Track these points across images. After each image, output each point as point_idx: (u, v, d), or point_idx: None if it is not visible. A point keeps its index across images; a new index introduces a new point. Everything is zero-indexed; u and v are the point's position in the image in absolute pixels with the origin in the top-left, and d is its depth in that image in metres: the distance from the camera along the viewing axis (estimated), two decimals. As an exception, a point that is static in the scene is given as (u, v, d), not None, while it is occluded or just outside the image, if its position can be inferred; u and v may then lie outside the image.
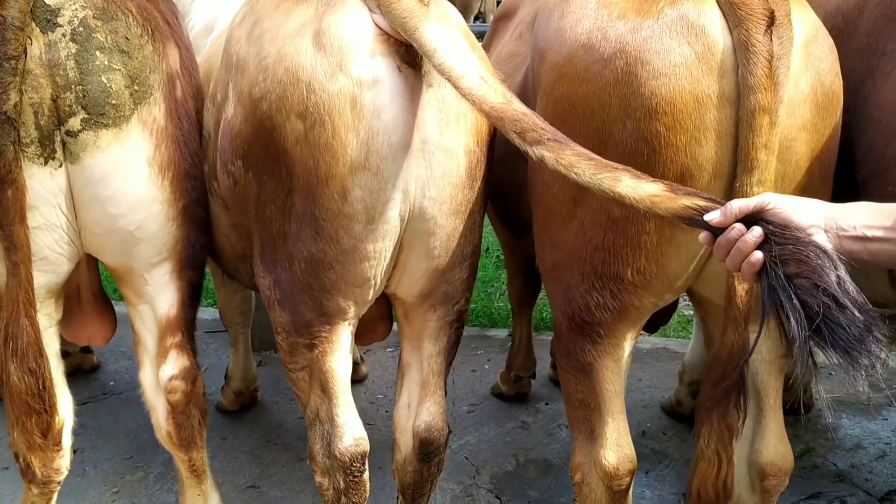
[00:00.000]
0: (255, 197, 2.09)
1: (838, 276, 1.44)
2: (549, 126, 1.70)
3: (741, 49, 1.77)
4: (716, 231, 1.56)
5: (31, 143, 2.04)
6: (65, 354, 3.96)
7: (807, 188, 1.91)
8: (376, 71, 1.86)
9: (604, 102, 1.89)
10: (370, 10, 1.89)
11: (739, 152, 1.81)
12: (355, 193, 1.92)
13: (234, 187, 2.18)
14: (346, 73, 1.86)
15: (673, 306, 2.51)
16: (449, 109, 1.94)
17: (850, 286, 1.44)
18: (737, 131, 1.81)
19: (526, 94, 2.24)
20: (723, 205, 1.55)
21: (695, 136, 1.83)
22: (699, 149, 1.84)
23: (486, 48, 2.88)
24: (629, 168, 1.62)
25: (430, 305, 2.25)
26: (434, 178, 1.97)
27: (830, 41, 1.95)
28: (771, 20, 1.75)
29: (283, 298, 2.15)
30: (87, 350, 3.97)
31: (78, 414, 3.45)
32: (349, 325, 2.19)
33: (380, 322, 2.46)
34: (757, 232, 1.51)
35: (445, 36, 1.81)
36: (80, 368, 3.93)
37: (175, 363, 2.43)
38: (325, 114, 1.87)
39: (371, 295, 2.13)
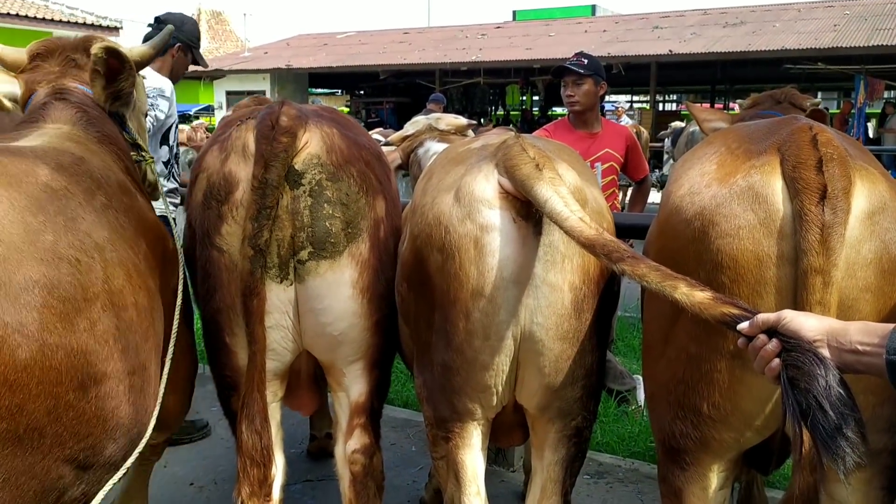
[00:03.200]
0: (413, 312, 2.65)
1: (827, 382, 1.67)
2: (630, 249, 2.07)
3: (797, 217, 1.99)
4: (749, 338, 1.82)
5: (273, 267, 2.71)
6: (312, 438, 4.78)
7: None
8: (495, 220, 2.34)
9: (685, 257, 2.19)
10: (499, 173, 2.40)
11: (797, 308, 1.99)
12: (475, 314, 2.39)
13: (402, 304, 2.75)
14: (473, 220, 2.36)
15: (787, 451, 2.57)
16: (555, 252, 2.34)
17: (835, 391, 1.67)
18: (796, 288, 2.01)
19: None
20: (754, 315, 1.81)
21: (756, 289, 2.05)
22: (761, 301, 2.05)
23: None
24: (687, 278, 1.93)
25: (548, 418, 2.59)
26: (541, 307, 2.37)
27: None
28: (823, 193, 1.96)
29: (428, 396, 2.65)
30: (330, 436, 4.72)
31: (312, 488, 4.15)
32: (479, 424, 2.61)
33: (516, 429, 2.83)
34: (775, 343, 1.77)
35: (554, 191, 2.23)
36: (326, 450, 4.67)
37: (358, 440, 2.99)
38: (455, 250, 2.38)
39: (495, 401, 2.54)
